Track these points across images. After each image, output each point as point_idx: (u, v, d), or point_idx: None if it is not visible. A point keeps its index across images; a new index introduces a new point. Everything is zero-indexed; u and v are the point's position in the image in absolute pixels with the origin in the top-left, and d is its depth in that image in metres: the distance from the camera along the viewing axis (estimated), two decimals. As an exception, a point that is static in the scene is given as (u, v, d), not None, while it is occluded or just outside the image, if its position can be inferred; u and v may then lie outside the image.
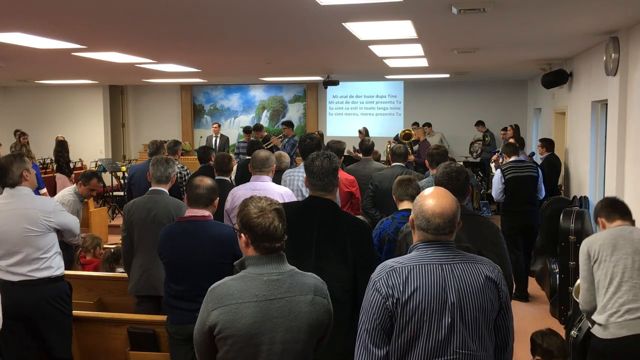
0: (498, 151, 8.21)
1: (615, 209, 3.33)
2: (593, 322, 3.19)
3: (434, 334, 2.01)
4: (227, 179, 4.97)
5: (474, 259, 2.15)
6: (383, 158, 10.92)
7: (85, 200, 5.43)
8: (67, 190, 5.39)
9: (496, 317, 2.12)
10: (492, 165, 9.15)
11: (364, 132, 11.07)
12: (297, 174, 4.63)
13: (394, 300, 2.03)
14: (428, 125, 12.24)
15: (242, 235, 2.19)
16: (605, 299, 3.10)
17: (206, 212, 3.27)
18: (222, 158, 5.04)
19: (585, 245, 3.29)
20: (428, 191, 2.23)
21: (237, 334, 2.09)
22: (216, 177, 4.94)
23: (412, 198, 3.84)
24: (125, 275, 4.79)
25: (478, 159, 11.92)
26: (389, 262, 2.14)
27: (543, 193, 6.37)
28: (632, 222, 3.33)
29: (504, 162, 6.74)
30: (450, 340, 2.02)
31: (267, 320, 2.11)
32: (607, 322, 3.05)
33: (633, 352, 2.92)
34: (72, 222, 3.83)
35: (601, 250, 3.15)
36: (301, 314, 2.15)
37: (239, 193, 4.18)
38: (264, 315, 2.10)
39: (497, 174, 6.49)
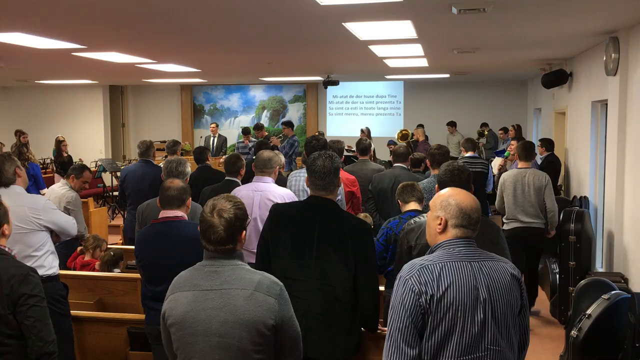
0: (504, 156, 8.14)
1: (526, 155, 5.64)
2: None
3: (468, 330, 2.00)
4: (236, 179, 4.90)
5: (495, 257, 2.16)
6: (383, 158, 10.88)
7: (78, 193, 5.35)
8: (61, 188, 5.21)
9: (518, 315, 2.13)
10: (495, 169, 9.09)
11: (367, 132, 10.98)
12: (303, 174, 4.59)
13: (428, 297, 2.00)
14: (452, 124, 12.44)
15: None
16: (507, 212, 5.58)
17: (179, 213, 3.32)
18: (229, 159, 4.96)
19: (502, 177, 5.65)
20: (447, 191, 2.22)
21: (176, 321, 2.15)
22: (226, 178, 4.91)
23: (418, 200, 3.85)
24: (125, 275, 4.80)
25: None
26: (418, 261, 2.11)
27: (490, 187, 6.92)
28: (532, 162, 5.77)
29: (461, 156, 7.41)
30: (483, 337, 2.02)
31: (201, 310, 2.12)
32: (508, 222, 5.59)
33: (520, 235, 5.49)
34: (65, 220, 3.80)
35: (506, 187, 5.54)
36: (236, 307, 2.11)
37: (241, 193, 4.16)
38: (198, 304, 2.13)
39: None
